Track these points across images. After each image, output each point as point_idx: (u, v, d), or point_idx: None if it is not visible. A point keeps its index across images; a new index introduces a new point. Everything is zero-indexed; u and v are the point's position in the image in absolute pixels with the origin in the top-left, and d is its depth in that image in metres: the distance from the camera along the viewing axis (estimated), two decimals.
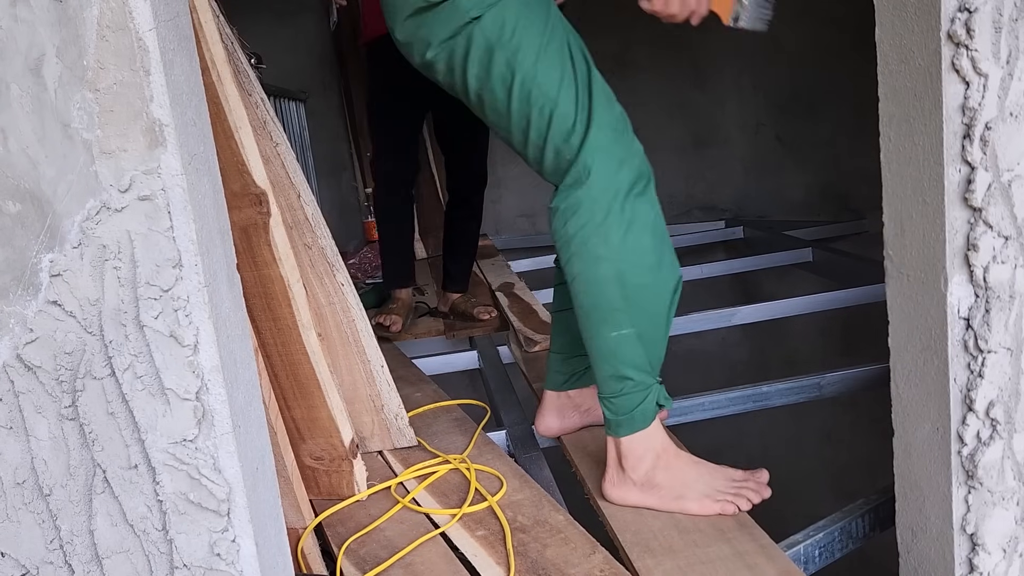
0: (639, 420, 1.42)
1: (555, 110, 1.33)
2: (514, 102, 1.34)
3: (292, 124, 3.74)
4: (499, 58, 1.32)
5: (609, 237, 1.33)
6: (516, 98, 1.33)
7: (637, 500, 1.44)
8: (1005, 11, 0.93)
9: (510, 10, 1.32)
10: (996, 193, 0.98)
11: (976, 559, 1.09)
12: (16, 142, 0.83)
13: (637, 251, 1.34)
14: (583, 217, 1.34)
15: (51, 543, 0.91)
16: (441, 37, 1.34)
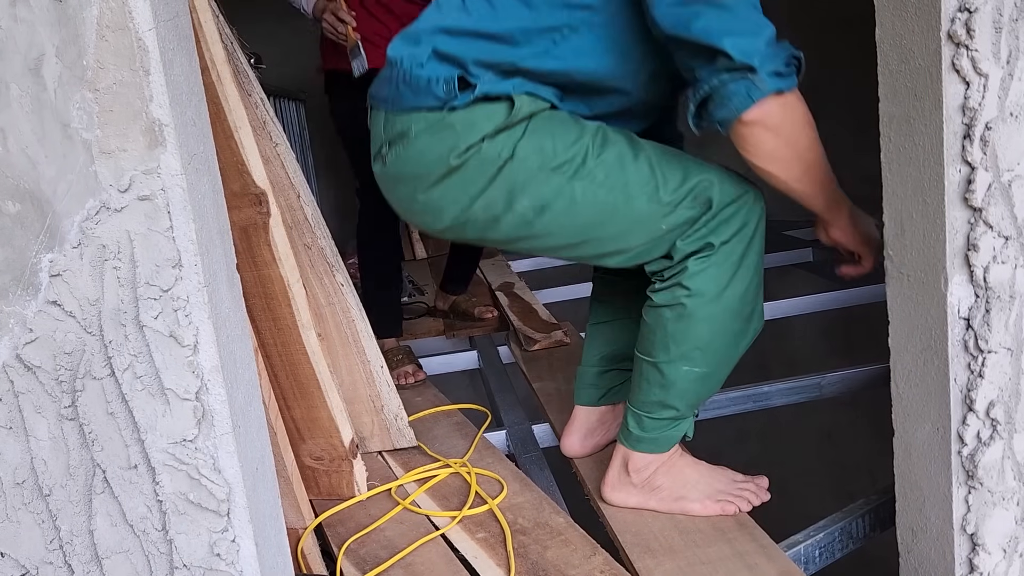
0: (663, 444, 1.41)
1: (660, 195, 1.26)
2: (589, 215, 1.27)
3: (292, 124, 3.74)
4: (555, 182, 1.25)
5: (720, 279, 1.28)
6: (594, 209, 1.26)
7: (637, 502, 1.44)
8: (1005, 11, 0.93)
9: (541, 131, 1.26)
10: (996, 193, 0.98)
11: (976, 559, 1.08)
12: (16, 142, 0.83)
13: (740, 298, 1.30)
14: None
15: (51, 543, 0.91)
16: (472, 194, 1.27)
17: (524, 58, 1.25)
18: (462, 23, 1.26)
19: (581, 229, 1.29)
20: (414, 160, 1.28)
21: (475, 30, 1.25)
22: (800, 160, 1.21)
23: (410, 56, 1.27)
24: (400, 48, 1.29)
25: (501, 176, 1.25)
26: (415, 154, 1.28)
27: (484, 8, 1.26)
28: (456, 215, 1.29)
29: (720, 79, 1.14)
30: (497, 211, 1.27)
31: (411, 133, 1.27)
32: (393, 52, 1.30)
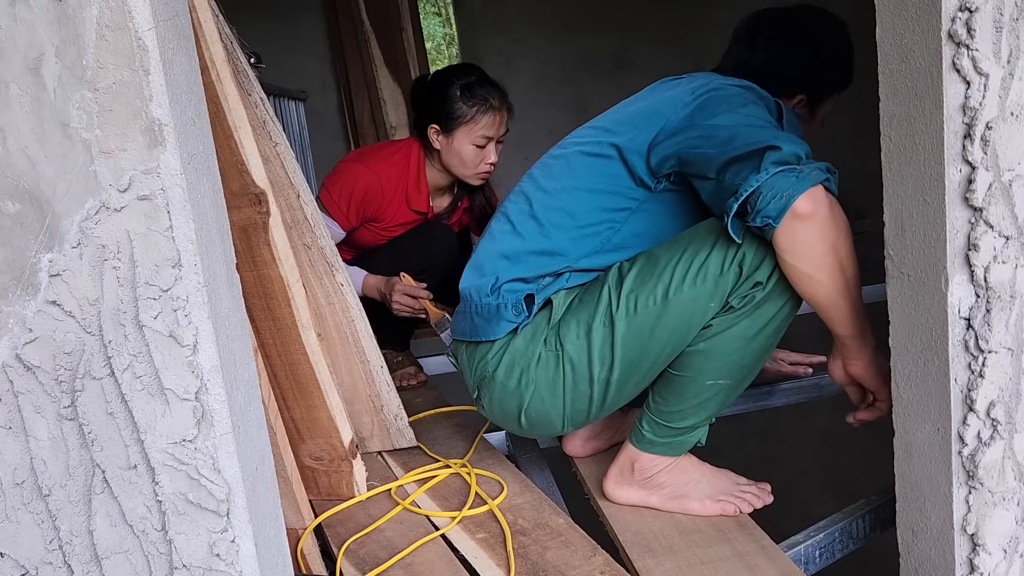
0: (676, 448, 1.42)
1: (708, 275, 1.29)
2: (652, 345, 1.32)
3: (291, 124, 3.74)
4: (604, 337, 1.34)
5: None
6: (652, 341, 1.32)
7: (639, 499, 1.44)
8: (1006, 11, 0.93)
9: (569, 315, 1.38)
10: (997, 193, 0.98)
11: (977, 559, 1.08)
12: (15, 142, 0.83)
13: (770, 316, 1.31)
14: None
15: (50, 543, 0.91)
16: (559, 393, 1.39)
17: (577, 260, 1.40)
18: (517, 246, 1.43)
19: (650, 358, 1.34)
20: (499, 399, 1.44)
21: (531, 250, 1.42)
22: (843, 269, 1.22)
23: (477, 288, 1.45)
24: (469, 280, 1.49)
25: (567, 367, 1.37)
26: (499, 394, 1.43)
27: (534, 228, 1.42)
28: (561, 415, 1.41)
29: (768, 173, 1.17)
30: (586, 390, 1.38)
31: (490, 375, 1.44)
32: (464, 285, 1.49)
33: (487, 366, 1.44)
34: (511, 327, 1.40)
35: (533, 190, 1.46)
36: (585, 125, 1.51)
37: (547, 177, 1.46)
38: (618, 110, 1.48)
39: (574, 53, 4.20)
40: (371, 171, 2.15)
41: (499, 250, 1.45)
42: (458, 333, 1.52)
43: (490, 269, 1.45)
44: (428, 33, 8.25)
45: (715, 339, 1.31)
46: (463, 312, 1.49)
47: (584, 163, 1.43)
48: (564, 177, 1.44)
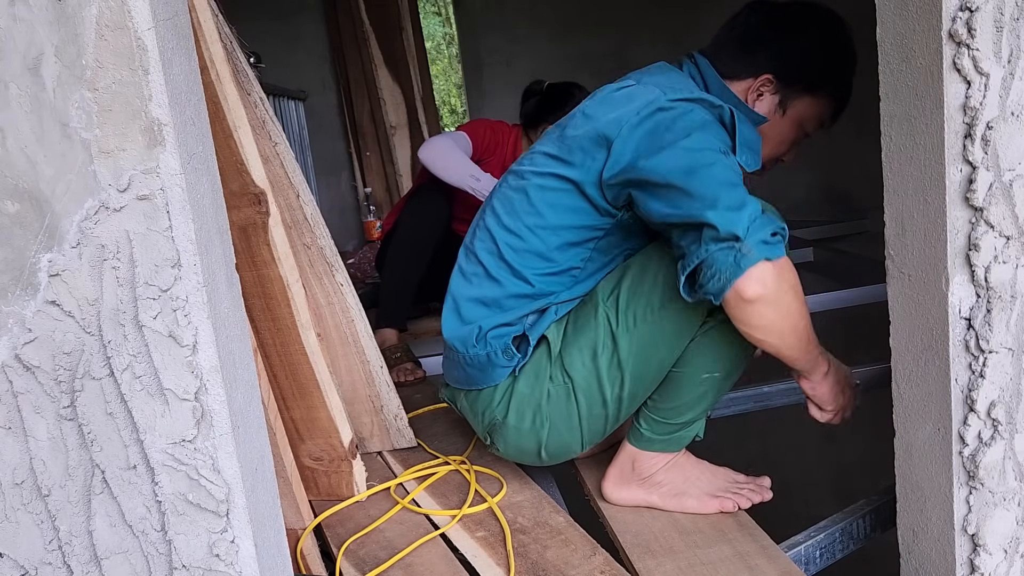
0: (674, 444, 1.43)
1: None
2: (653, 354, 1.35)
3: (291, 124, 3.74)
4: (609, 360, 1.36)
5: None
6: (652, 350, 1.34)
7: (638, 498, 1.44)
8: (1006, 10, 0.93)
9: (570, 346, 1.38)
10: (997, 193, 0.98)
11: (977, 560, 1.08)
12: (15, 141, 0.83)
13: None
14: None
15: (50, 544, 0.91)
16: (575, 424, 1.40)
17: (558, 295, 1.40)
18: (495, 292, 1.43)
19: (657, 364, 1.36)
20: (515, 442, 1.44)
21: (510, 294, 1.41)
22: (793, 329, 1.23)
23: (461, 339, 1.44)
24: (452, 328, 1.46)
25: (579, 396, 1.38)
26: (514, 437, 1.44)
27: (507, 272, 1.41)
28: (579, 440, 1.42)
29: (708, 249, 1.16)
30: (601, 412, 1.39)
31: (500, 421, 1.43)
32: (447, 333, 1.47)
33: (494, 413, 1.43)
34: (507, 371, 1.40)
35: (497, 228, 1.43)
36: (539, 145, 1.45)
37: (509, 214, 1.42)
38: (571, 126, 1.40)
39: (574, 53, 4.20)
40: (505, 126, 2.76)
41: (476, 295, 1.44)
42: (453, 380, 1.52)
43: (470, 316, 1.44)
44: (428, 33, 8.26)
45: (708, 333, 1.32)
46: (453, 360, 1.48)
47: (545, 199, 1.38)
48: (527, 214, 1.40)
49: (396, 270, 2.48)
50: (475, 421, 1.50)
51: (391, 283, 2.49)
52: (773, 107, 1.47)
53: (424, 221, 2.49)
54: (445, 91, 8.97)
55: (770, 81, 1.45)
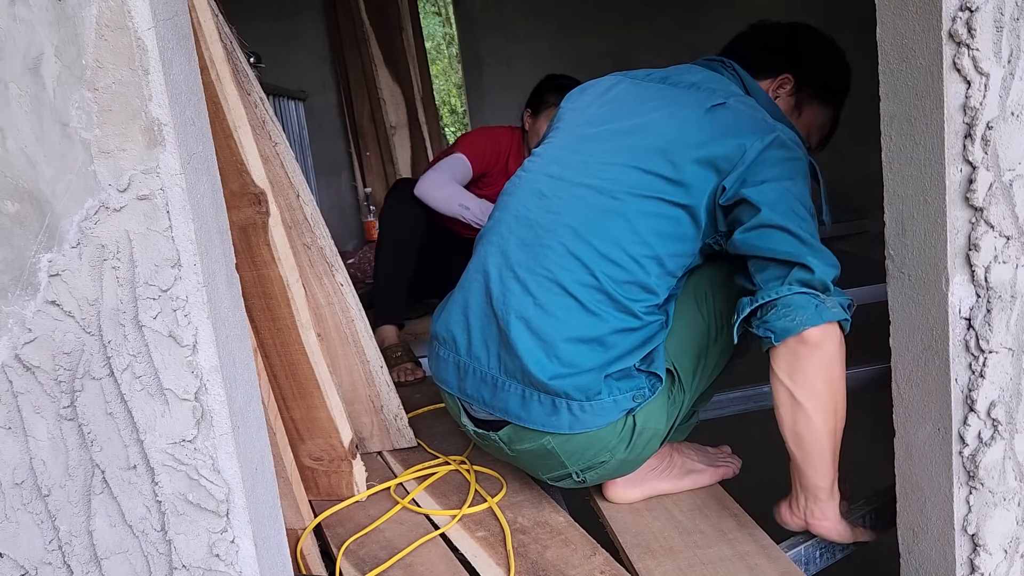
0: (687, 430, 1.51)
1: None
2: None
3: (291, 124, 3.73)
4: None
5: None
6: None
7: (650, 491, 1.47)
8: (1006, 10, 0.93)
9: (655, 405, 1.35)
10: (997, 193, 0.98)
11: (977, 560, 1.08)
12: (15, 141, 0.83)
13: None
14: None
15: (50, 544, 0.91)
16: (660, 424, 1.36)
17: (661, 326, 1.34)
18: (597, 329, 1.29)
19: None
20: (615, 471, 1.39)
21: (614, 329, 1.29)
22: (835, 410, 1.23)
23: (578, 388, 1.29)
24: (550, 372, 1.29)
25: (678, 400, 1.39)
26: (617, 468, 1.38)
27: (609, 306, 1.30)
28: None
29: (791, 289, 1.19)
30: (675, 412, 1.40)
31: (612, 459, 1.35)
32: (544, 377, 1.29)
33: (609, 452, 1.35)
34: (629, 408, 1.32)
35: (594, 257, 1.30)
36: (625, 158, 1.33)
37: (606, 241, 1.30)
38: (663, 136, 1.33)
39: (573, 53, 4.19)
40: (504, 132, 2.76)
41: (574, 334, 1.29)
42: (535, 423, 1.33)
43: (572, 358, 1.29)
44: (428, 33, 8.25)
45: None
46: (542, 402, 1.31)
47: (651, 226, 1.30)
48: (632, 243, 1.30)
49: (384, 268, 2.55)
50: (561, 462, 1.36)
51: (381, 281, 2.55)
52: (790, 107, 1.52)
53: (402, 217, 2.55)
54: (445, 91, 8.97)
55: (788, 80, 1.51)
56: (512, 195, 1.45)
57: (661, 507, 1.44)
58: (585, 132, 1.43)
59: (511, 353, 1.32)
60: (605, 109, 1.44)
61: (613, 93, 1.47)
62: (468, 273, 1.44)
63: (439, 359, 1.46)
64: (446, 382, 1.45)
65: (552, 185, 1.39)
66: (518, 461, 1.44)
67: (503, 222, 1.42)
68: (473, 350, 1.39)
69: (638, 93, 1.44)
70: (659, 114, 1.36)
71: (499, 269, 1.37)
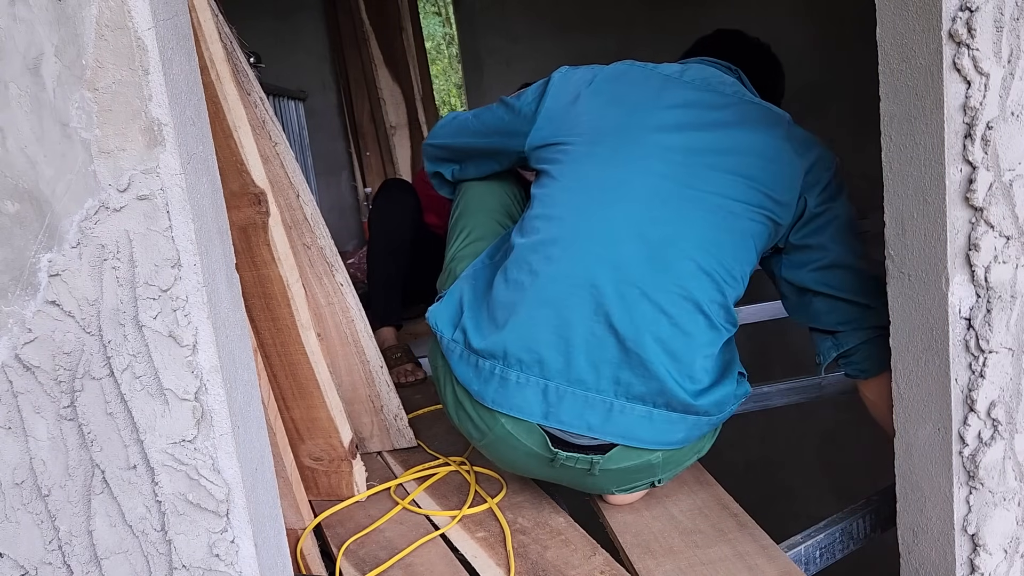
0: None
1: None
2: None
3: (291, 123, 3.73)
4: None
5: None
6: None
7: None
8: (1006, 10, 0.93)
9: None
10: (997, 193, 0.98)
11: (977, 560, 1.08)
12: (15, 141, 0.83)
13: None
14: None
15: (50, 544, 0.91)
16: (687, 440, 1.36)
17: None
18: (716, 343, 1.31)
19: None
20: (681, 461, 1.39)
21: (724, 341, 1.33)
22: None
23: (715, 403, 1.31)
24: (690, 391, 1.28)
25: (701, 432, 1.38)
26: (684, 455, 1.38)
27: (725, 322, 1.33)
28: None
29: (870, 334, 1.31)
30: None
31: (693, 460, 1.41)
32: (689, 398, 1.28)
33: (697, 452, 1.38)
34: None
35: (721, 272, 1.29)
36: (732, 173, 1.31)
37: (729, 257, 1.30)
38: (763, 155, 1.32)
39: (573, 53, 4.19)
40: None
41: (705, 352, 1.30)
42: (659, 443, 1.30)
43: (702, 375, 1.30)
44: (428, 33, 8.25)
45: None
46: (671, 420, 1.29)
47: (756, 242, 1.33)
48: (745, 262, 1.32)
49: (377, 270, 2.53)
50: (661, 470, 1.35)
51: (376, 283, 2.53)
52: None
53: (392, 217, 2.53)
54: (445, 91, 8.97)
55: None
56: (579, 193, 1.32)
57: (661, 507, 1.44)
58: (654, 137, 1.33)
59: (644, 375, 1.26)
60: (661, 110, 1.35)
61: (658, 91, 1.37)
62: (554, 287, 1.28)
63: (511, 384, 1.29)
64: (522, 410, 1.29)
65: (646, 190, 1.30)
66: (591, 481, 1.36)
67: (595, 229, 1.29)
68: (574, 373, 1.27)
69: (692, 96, 1.37)
70: (748, 129, 1.34)
71: (615, 284, 1.26)
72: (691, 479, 1.52)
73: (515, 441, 1.33)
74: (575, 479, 1.38)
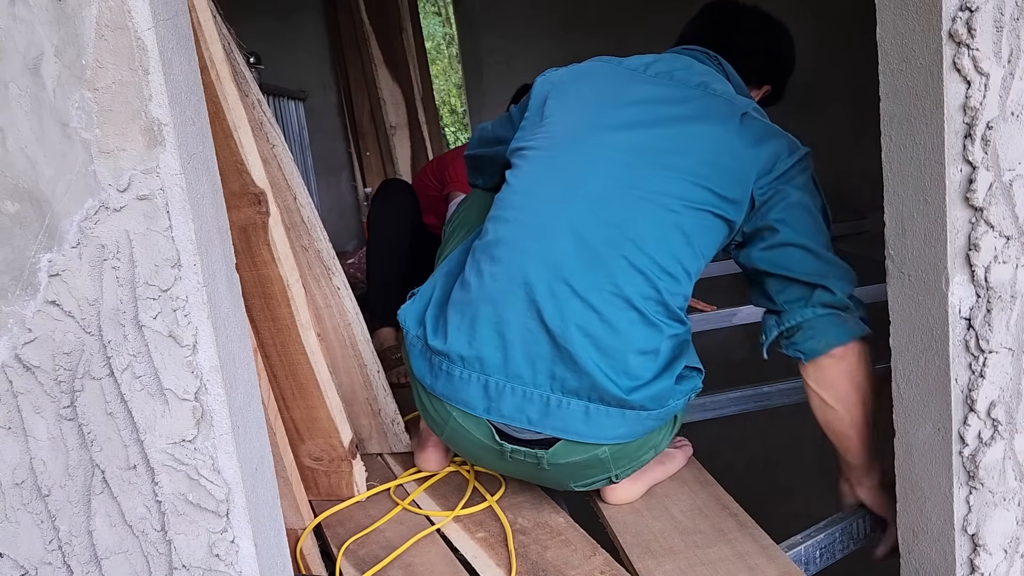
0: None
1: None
2: None
3: (291, 124, 3.73)
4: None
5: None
6: None
7: (647, 483, 1.48)
8: (1006, 10, 0.93)
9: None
10: (997, 193, 0.98)
11: (977, 560, 1.08)
12: (15, 141, 0.83)
13: None
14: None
15: (50, 544, 0.91)
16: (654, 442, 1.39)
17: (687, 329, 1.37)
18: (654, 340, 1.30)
19: None
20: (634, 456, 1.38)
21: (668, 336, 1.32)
22: (860, 402, 1.30)
23: (653, 398, 1.30)
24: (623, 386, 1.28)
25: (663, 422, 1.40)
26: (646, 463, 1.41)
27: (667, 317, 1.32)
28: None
29: (815, 312, 1.28)
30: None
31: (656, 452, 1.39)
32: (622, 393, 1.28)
33: (654, 449, 1.37)
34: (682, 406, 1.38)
35: (654, 269, 1.29)
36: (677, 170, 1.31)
37: (666, 254, 1.30)
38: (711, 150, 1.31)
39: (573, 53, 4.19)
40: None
41: (638, 347, 1.29)
42: (602, 437, 1.31)
43: (638, 371, 1.29)
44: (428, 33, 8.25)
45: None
46: (610, 415, 1.29)
47: (704, 239, 1.32)
48: (688, 258, 1.31)
49: (377, 270, 2.54)
50: (614, 466, 1.35)
51: (376, 283, 2.55)
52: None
53: (391, 217, 2.54)
54: (445, 91, 8.97)
55: (768, 91, 1.57)
56: (528, 195, 1.35)
57: (661, 507, 1.44)
58: (607, 136, 1.35)
59: (574, 370, 1.27)
60: (620, 107, 1.37)
61: (620, 88, 1.39)
62: (495, 284, 1.31)
63: (454, 379, 1.34)
64: (467, 404, 1.33)
65: (592, 190, 1.31)
66: (545, 475, 1.38)
67: (535, 228, 1.32)
68: (512, 369, 1.30)
69: (653, 92, 1.38)
70: (696, 124, 1.33)
71: (547, 282, 1.28)
72: (691, 479, 1.52)
73: (467, 433, 1.37)
74: (530, 473, 1.40)
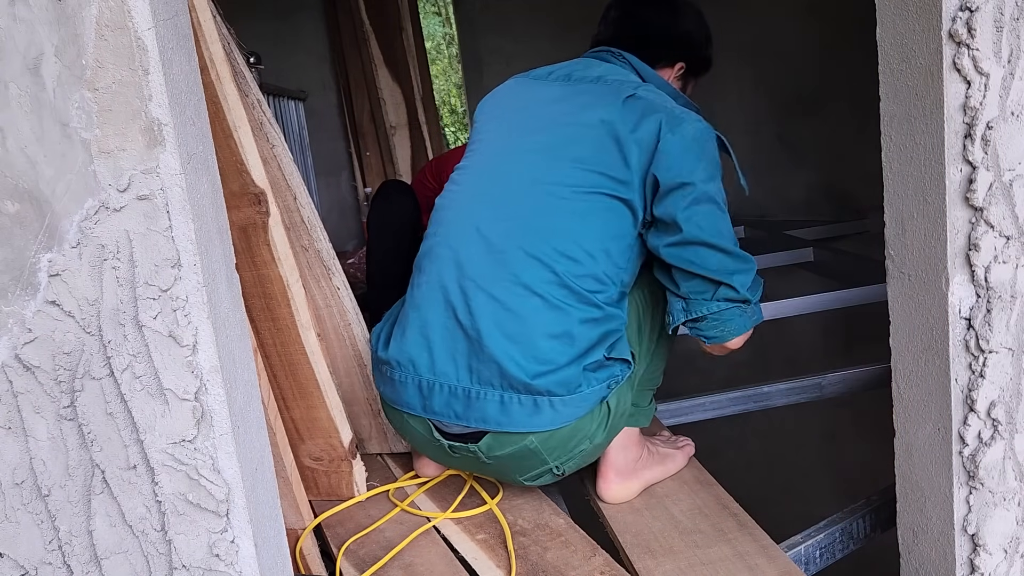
0: (641, 421, 1.49)
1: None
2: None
3: (291, 124, 3.73)
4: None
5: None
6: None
7: (643, 482, 1.48)
8: (1006, 10, 0.93)
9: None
10: (997, 193, 0.98)
11: (977, 560, 1.08)
12: (15, 141, 0.83)
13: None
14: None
15: (50, 544, 0.91)
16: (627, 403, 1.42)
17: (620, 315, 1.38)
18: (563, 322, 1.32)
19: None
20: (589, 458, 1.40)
21: (579, 320, 1.34)
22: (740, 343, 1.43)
23: (560, 383, 1.31)
24: (530, 371, 1.30)
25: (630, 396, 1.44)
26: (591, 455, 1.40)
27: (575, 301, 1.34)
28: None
29: (719, 306, 1.36)
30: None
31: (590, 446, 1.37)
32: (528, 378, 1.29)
33: (590, 440, 1.36)
34: (604, 396, 1.35)
35: (550, 253, 1.33)
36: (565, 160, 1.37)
37: (561, 238, 1.34)
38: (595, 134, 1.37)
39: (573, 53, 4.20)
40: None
41: (546, 331, 1.31)
42: (517, 426, 1.32)
43: (548, 355, 1.31)
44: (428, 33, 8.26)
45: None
46: (523, 404, 1.31)
47: (598, 220, 1.35)
48: (584, 238, 1.34)
49: (376, 270, 2.56)
50: (548, 457, 1.35)
51: (375, 284, 2.56)
52: (679, 88, 1.61)
53: (391, 218, 2.55)
54: (445, 91, 8.97)
55: (682, 67, 1.60)
56: (450, 209, 1.45)
57: (661, 507, 1.44)
58: (517, 141, 1.44)
59: (486, 361, 1.32)
60: (528, 115, 1.47)
61: (528, 97, 1.50)
62: (420, 292, 1.41)
63: (395, 384, 1.41)
64: (408, 404, 1.40)
65: (499, 193, 1.41)
66: (491, 469, 1.42)
67: (450, 236, 1.41)
68: (437, 367, 1.36)
69: (553, 93, 1.47)
70: (585, 114, 1.40)
71: (457, 282, 1.37)
72: (691, 479, 1.52)
73: (417, 434, 1.43)
74: (478, 468, 1.44)
